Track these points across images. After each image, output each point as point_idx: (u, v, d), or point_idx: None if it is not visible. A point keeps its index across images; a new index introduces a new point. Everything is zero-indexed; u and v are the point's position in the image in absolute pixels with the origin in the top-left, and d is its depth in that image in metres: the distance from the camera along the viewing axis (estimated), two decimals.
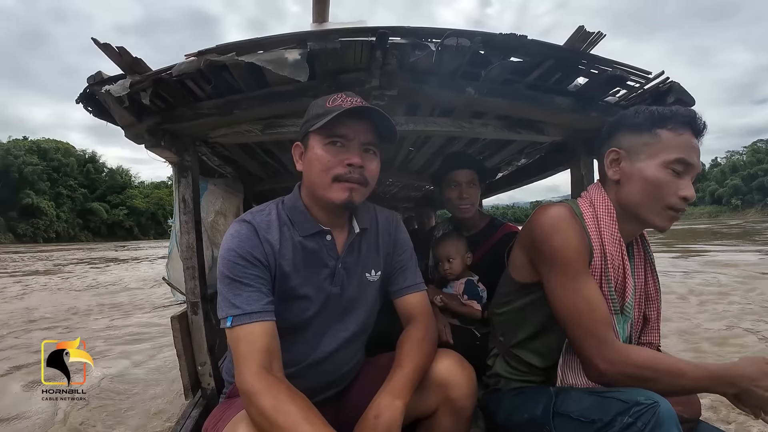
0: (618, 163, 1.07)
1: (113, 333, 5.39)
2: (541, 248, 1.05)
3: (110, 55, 1.12)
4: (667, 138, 0.99)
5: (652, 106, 1.05)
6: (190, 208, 1.62)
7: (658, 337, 1.19)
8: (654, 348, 1.18)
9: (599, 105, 1.49)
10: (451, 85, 1.40)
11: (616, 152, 1.07)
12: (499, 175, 2.79)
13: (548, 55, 1.28)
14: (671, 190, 0.99)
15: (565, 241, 1.01)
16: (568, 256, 1.01)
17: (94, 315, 6.64)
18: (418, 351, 1.06)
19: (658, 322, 1.19)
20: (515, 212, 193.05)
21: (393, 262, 1.23)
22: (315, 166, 1.01)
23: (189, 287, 1.61)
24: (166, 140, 1.46)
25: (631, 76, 1.30)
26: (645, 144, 1.02)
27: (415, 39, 1.25)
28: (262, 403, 0.82)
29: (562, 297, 1.02)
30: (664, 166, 0.99)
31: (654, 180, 1.00)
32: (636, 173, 1.03)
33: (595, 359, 0.97)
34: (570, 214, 1.04)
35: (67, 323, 6.11)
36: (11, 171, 54.41)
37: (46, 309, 7.10)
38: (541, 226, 1.05)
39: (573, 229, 1.02)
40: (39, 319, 6.35)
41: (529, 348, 1.21)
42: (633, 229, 1.11)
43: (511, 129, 1.61)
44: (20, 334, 5.43)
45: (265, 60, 1.22)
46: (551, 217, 1.04)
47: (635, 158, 1.03)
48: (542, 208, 1.09)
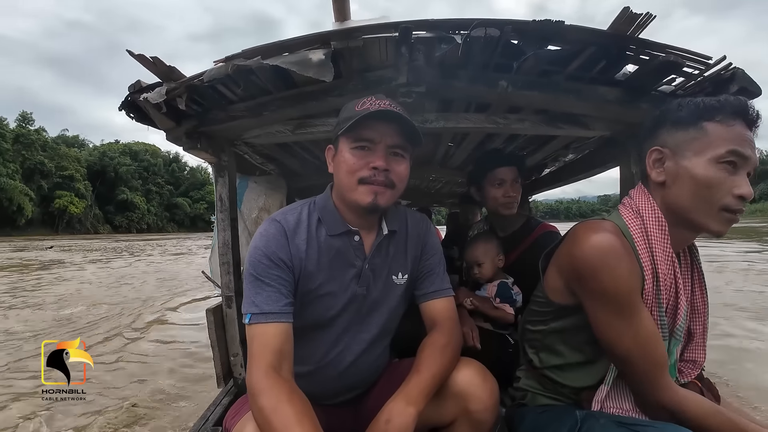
0: (662, 163, 0.95)
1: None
2: (587, 283, 0.93)
3: (146, 64, 1.19)
4: (716, 131, 0.87)
5: (699, 97, 0.92)
6: (227, 206, 1.69)
7: (703, 355, 1.05)
8: (698, 367, 1.05)
9: (651, 95, 1.32)
10: (481, 79, 1.32)
11: (659, 151, 0.95)
12: (545, 171, 2.62)
13: (590, 41, 1.16)
14: (725, 189, 0.86)
15: (616, 278, 0.89)
16: (618, 296, 0.89)
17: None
18: (439, 358, 1.04)
19: (704, 338, 1.05)
20: (581, 207, 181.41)
21: (421, 266, 1.21)
22: (342, 168, 1.04)
23: (224, 282, 1.69)
24: (202, 142, 1.53)
25: (688, 61, 1.13)
26: (691, 140, 0.90)
27: (440, 32, 1.19)
28: (262, 402, 0.84)
29: (613, 337, 0.92)
30: (715, 161, 0.86)
31: (704, 179, 0.87)
32: (683, 173, 0.90)
33: (649, 399, 0.91)
34: (619, 243, 0.91)
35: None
36: (108, 171, 62.86)
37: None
38: (585, 259, 0.92)
39: (624, 261, 0.90)
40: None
41: (564, 371, 1.11)
42: (685, 237, 0.98)
43: (551, 124, 1.49)
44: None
45: (290, 62, 1.23)
46: (598, 250, 0.91)
47: (681, 156, 0.91)
48: (585, 230, 0.96)
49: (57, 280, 9.90)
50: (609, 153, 1.79)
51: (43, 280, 9.94)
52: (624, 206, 1.03)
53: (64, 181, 54.78)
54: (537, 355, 1.17)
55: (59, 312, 6.11)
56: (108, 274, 10.84)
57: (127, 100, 1.31)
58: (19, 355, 4.15)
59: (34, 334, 4.88)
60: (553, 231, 1.74)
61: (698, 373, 1.07)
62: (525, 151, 2.29)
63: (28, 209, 47.60)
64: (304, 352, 1.12)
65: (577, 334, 1.04)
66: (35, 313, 6.12)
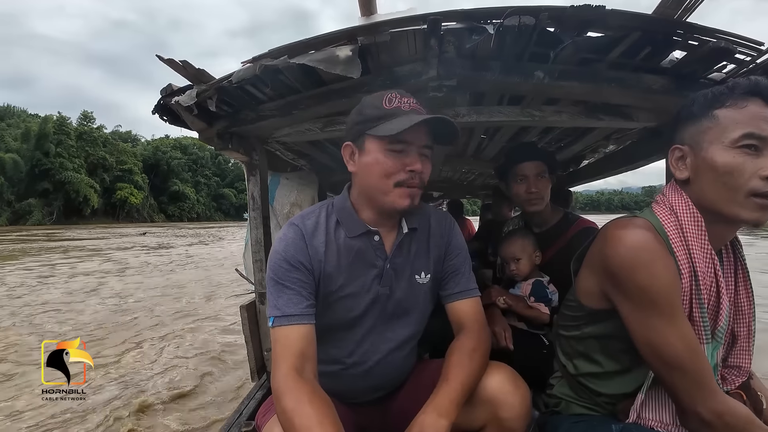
0: (684, 161, 0.90)
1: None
2: (622, 284, 0.88)
3: (175, 68, 1.21)
4: (727, 116, 0.82)
5: (710, 89, 0.87)
6: (258, 205, 1.72)
7: (749, 360, 0.97)
8: (744, 374, 0.97)
9: (700, 83, 1.22)
10: (516, 70, 1.26)
11: (679, 149, 0.90)
12: (584, 163, 2.49)
13: (633, 26, 1.07)
14: (748, 173, 0.80)
15: (652, 277, 0.83)
16: (657, 295, 0.83)
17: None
18: (468, 364, 1.01)
19: (749, 341, 0.97)
20: (623, 198, 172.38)
21: (445, 266, 1.18)
22: (375, 171, 1.00)
23: (257, 279, 1.73)
24: (233, 142, 1.56)
25: (739, 47, 1.03)
26: (705, 130, 0.85)
27: (471, 22, 1.14)
28: (285, 403, 0.85)
29: (654, 340, 0.85)
30: (731, 146, 0.81)
31: (723, 165, 0.82)
32: (703, 165, 0.85)
33: (700, 408, 0.83)
34: (653, 239, 0.85)
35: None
36: (161, 164, 68.00)
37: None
38: (619, 258, 0.87)
39: (660, 259, 0.84)
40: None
41: (599, 380, 1.05)
42: (723, 233, 0.92)
43: (591, 116, 1.40)
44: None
45: (317, 60, 1.22)
46: (632, 248, 0.85)
47: (699, 149, 0.86)
48: (617, 228, 0.91)
49: (187, 254, 13.77)
50: (654, 144, 1.67)
51: (174, 254, 13.85)
52: (657, 204, 0.96)
53: (124, 174, 59.26)
54: (571, 361, 1.12)
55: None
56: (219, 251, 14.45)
57: (159, 104, 1.35)
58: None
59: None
60: (591, 227, 1.65)
61: (744, 380, 0.99)
62: (562, 142, 2.19)
63: (94, 200, 51.54)
64: (330, 352, 1.12)
65: (613, 342, 0.99)
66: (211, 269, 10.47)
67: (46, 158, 47.70)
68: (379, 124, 0.97)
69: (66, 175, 48.26)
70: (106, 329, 5.08)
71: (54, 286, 8.17)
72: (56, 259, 12.85)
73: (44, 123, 49.50)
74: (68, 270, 10.45)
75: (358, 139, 1.04)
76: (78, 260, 12.68)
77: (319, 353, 0.99)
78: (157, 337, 4.78)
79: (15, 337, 4.77)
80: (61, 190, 48.53)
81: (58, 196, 48.58)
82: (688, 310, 0.87)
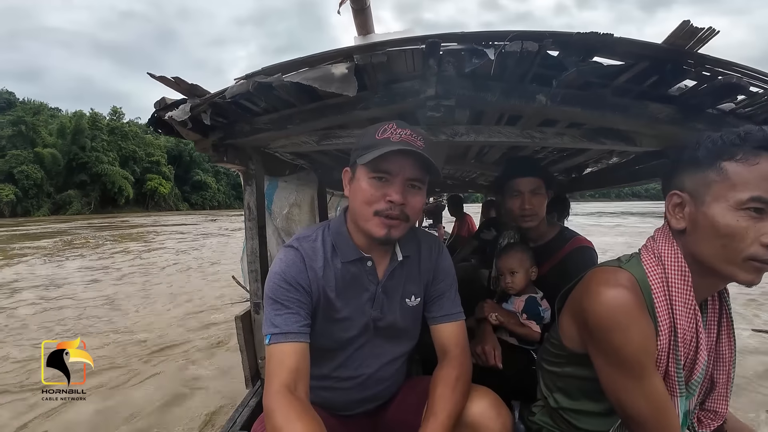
0: (682, 209, 0.86)
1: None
2: (597, 340, 0.88)
3: (168, 84, 1.18)
4: (737, 172, 0.77)
5: (718, 133, 0.81)
6: (255, 215, 1.71)
7: (725, 405, 0.98)
8: (719, 419, 0.98)
9: (707, 114, 1.18)
10: (517, 92, 1.22)
11: (678, 195, 0.86)
12: (587, 171, 2.45)
13: (642, 55, 1.03)
14: (750, 238, 0.76)
15: (626, 340, 0.83)
16: (629, 357, 0.83)
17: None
18: (451, 396, 1.03)
19: (727, 388, 0.97)
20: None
21: (432, 290, 1.22)
22: (358, 197, 1.04)
23: (252, 289, 1.72)
24: (229, 154, 1.53)
25: (752, 80, 0.99)
26: (710, 183, 0.80)
27: (471, 45, 1.10)
28: (275, 420, 0.88)
29: (621, 396, 0.86)
30: (736, 208, 0.77)
31: (725, 227, 0.78)
32: (702, 220, 0.81)
33: None
34: (633, 300, 0.84)
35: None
36: (183, 155, 70.23)
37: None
38: (597, 316, 0.86)
39: (637, 323, 0.83)
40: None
41: (579, 415, 1.07)
42: (714, 285, 0.90)
43: (593, 139, 1.36)
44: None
45: (312, 78, 1.18)
46: (610, 308, 0.84)
47: (700, 202, 0.82)
48: (599, 283, 0.89)
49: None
50: (657, 165, 1.63)
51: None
52: (646, 250, 0.94)
53: (152, 165, 61.71)
54: (552, 395, 1.13)
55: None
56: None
57: (154, 117, 1.32)
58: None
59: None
60: (586, 246, 1.63)
61: (719, 425, 1.00)
62: (565, 152, 2.14)
63: (129, 191, 55.37)
64: (323, 368, 1.17)
65: (591, 383, 0.99)
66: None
67: (82, 152, 51.25)
68: (366, 153, 0.99)
69: (102, 168, 52.03)
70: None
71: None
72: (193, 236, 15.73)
73: (79, 119, 52.31)
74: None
75: (353, 166, 1.08)
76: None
77: (312, 369, 1.02)
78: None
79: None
80: (98, 181, 52.48)
81: (94, 187, 52.55)
82: (665, 366, 0.87)
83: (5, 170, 44.17)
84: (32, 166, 46.05)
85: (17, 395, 3.13)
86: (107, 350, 3.67)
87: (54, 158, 48.88)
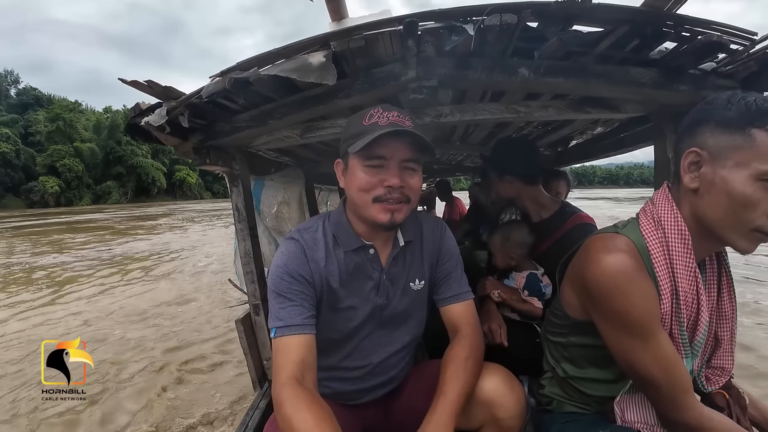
0: (698, 168, 0.83)
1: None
2: (599, 306, 0.88)
3: (141, 88, 1.14)
4: (765, 142, 0.75)
5: (754, 95, 0.77)
6: (244, 216, 1.67)
7: (731, 362, 0.99)
8: (726, 374, 0.99)
9: (690, 75, 1.17)
10: (499, 68, 1.20)
11: (696, 153, 0.83)
12: (572, 143, 2.46)
13: (621, 20, 1.02)
14: (761, 210, 0.76)
15: (629, 304, 0.83)
16: (633, 320, 0.83)
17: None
18: (462, 375, 1.03)
19: (731, 344, 0.99)
20: (643, 173, 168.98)
21: (438, 271, 1.21)
22: (355, 186, 1.03)
23: (250, 290, 1.70)
24: (211, 156, 1.49)
25: (732, 39, 0.99)
26: (735, 147, 0.77)
27: (449, 22, 1.08)
28: (284, 411, 0.88)
29: (633, 359, 0.87)
30: (756, 178, 0.75)
31: (740, 196, 0.76)
32: (719, 183, 0.79)
33: (672, 418, 0.86)
34: (633, 264, 0.84)
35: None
36: None
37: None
38: (597, 282, 0.86)
39: (637, 286, 0.83)
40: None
41: (588, 383, 1.08)
42: (711, 247, 0.90)
43: (578, 109, 1.35)
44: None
45: (289, 69, 1.15)
46: (610, 274, 0.84)
47: (720, 164, 0.79)
48: (598, 250, 0.89)
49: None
50: (643, 131, 1.64)
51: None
52: (644, 214, 0.94)
53: (179, 157, 65.78)
54: (559, 364, 1.14)
55: None
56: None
57: (130, 125, 1.27)
58: None
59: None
60: (588, 223, 1.63)
61: (726, 380, 1.02)
62: (549, 126, 2.14)
63: (162, 181, 61.03)
64: (330, 359, 1.16)
65: (597, 351, 1.00)
66: None
67: (118, 146, 56.82)
68: (355, 141, 0.97)
69: (137, 160, 57.53)
70: None
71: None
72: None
73: (115, 115, 58.73)
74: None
75: (344, 157, 1.06)
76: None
77: (319, 361, 1.02)
78: None
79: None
80: (133, 173, 58.04)
81: (130, 178, 57.98)
82: (668, 329, 0.88)
83: (48, 164, 48.46)
84: (73, 160, 50.53)
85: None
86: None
87: (92, 152, 54.17)
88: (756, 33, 1.00)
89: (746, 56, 1.06)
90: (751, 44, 1.02)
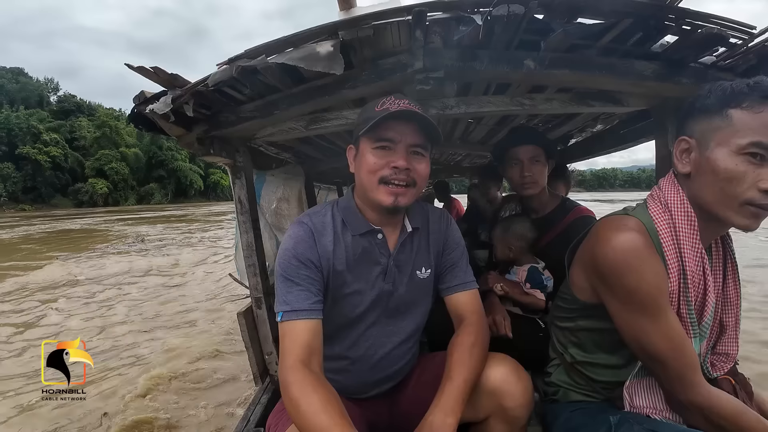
0: (689, 154, 0.89)
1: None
2: (610, 285, 0.90)
3: (147, 75, 1.13)
4: (741, 118, 0.80)
5: (730, 81, 0.83)
6: (247, 209, 1.67)
7: (736, 347, 1.02)
8: (731, 360, 1.01)
9: (691, 68, 1.20)
10: (504, 60, 1.21)
11: (686, 141, 0.89)
12: (571, 142, 2.48)
13: (625, 12, 1.04)
14: (748, 183, 0.80)
15: (640, 281, 0.85)
16: (644, 297, 0.85)
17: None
18: (468, 361, 1.04)
19: (736, 330, 1.01)
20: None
21: (443, 260, 1.22)
22: (363, 168, 1.04)
23: (252, 284, 1.69)
24: (215, 146, 1.49)
25: (731, 32, 1.01)
26: (715, 128, 0.83)
27: (458, 12, 1.09)
28: (291, 393, 0.88)
29: (642, 338, 0.88)
30: (737, 152, 0.80)
31: (724, 171, 0.81)
32: (705, 164, 0.85)
33: (681, 398, 0.88)
34: (643, 242, 0.87)
35: None
36: None
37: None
38: (608, 260, 0.89)
39: (648, 263, 0.86)
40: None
41: (595, 366, 1.09)
42: (715, 230, 0.94)
43: (582, 102, 1.37)
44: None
45: (297, 58, 1.15)
46: (621, 251, 0.87)
47: (705, 147, 0.85)
48: (608, 229, 0.92)
49: None
50: (643, 126, 1.66)
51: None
52: (652, 198, 0.97)
53: (183, 147, 70.84)
54: (567, 350, 1.15)
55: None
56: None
57: (134, 113, 1.26)
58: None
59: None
60: (589, 216, 1.65)
61: (731, 367, 1.04)
62: (550, 124, 2.16)
63: (199, 183, 66.42)
64: (336, 348, 1.17)
65: (605, 335, 1.02)
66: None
67: (160, 151, 62.32)
68: (365, 125, 1.00)
69: (176, 164, 62.96)
70: None
71: None
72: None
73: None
74: None
75: (356, 142, 1.09)
76: None
77: (325, 350, 1.02)
78: None
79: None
80: (173, 176, 63.68)
81: (170, 180, 63.50)
82: (676, 308, 0.90)
83: (96, 167, 54.41)
84: (120, 164, 56.46)
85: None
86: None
87: (137, 156, 59.67)
88: (755, 26, 1.03)
89: (745, 49, 1.09)
90: (750, 38, 1.05)
